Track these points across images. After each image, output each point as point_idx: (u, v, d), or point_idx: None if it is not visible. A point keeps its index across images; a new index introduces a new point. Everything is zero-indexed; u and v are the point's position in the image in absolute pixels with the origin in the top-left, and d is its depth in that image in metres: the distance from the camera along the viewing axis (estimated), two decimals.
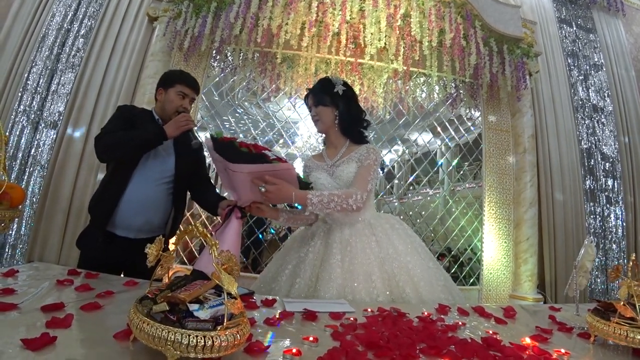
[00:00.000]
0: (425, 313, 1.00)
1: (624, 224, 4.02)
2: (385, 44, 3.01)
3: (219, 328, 0.57)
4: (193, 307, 0.61)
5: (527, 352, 0.72)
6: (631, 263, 0.86)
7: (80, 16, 3.60)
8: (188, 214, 3.48)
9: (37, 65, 3.47)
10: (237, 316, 0.62)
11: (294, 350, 0.66)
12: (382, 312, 0.99)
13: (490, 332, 0.85)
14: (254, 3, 2.95)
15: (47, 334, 0.64)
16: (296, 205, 1.42)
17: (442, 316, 1.01)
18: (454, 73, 3.35)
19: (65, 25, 3.57)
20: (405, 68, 3.28)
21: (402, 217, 4.10)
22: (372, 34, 3.00)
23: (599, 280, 3.75)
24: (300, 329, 0.84)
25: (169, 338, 0.55)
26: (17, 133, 3.34)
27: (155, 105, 1.78)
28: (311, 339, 0.74)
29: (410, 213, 4.81)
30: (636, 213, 4.10)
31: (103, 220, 1.56)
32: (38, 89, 3.43)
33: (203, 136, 4.11)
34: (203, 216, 3.74)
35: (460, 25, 3.01)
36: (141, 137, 1.53)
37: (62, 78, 3.48)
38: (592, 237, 3.82)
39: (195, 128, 1.63)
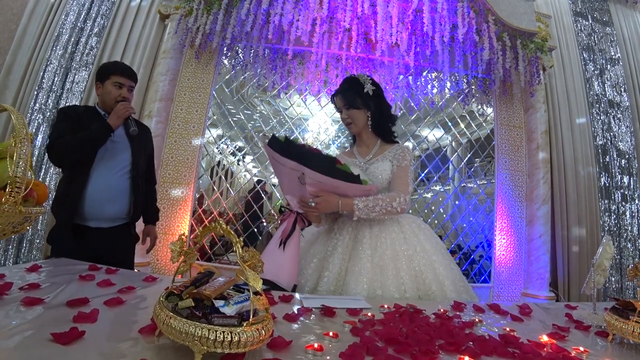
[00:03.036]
0: (441, 310, 1.01)
1: None
2: (397, 40, 3.00)
3: (244, 324, 0.59)
4: (219, 303, 0.63)
5: (545, 350, 0.72)
6: None
7: (94, 15, 3.65)
8: (200, 210, 3.53)
9: (52, 63, 3.54)
10: (262, 312, 0.64)
11: (316, 346, 0.68)
12: (399, 309, 1.01)
13: (507, 329, 0.86)
14: (265, 0, 2.96)
15: (75, 329, 0.65)
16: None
17: (458, 313, 1.02)
18: (466, 68, 3.32)
19: (79, 24, 3.63)
20: (416, 63, 3.27)
21: (412, 213, 4.09)
22: (383, 29, 2.99)
23: (613, 278, 3.70)
24: (320, 324, 0.85)
25: (196, 333, 0.56)
26: (33, 130, 3.41)
27: (97, 100, 1.83)
28: (331, 334, 0.75)
29: (425, 209, 4.80)
30: None
31: (69, 217, 1.63)
32: (53, 87, 3.50)
33: (214, 133, 4.13)
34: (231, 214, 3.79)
35: (473, 20, 2.98)
36: (89, 137, 1.61)
37: (76, 76, 3.54)
38: (604, 233, 3.77)
39: (134, 114, 1.74)
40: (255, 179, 4.58)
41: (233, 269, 3.50)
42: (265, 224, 4.40)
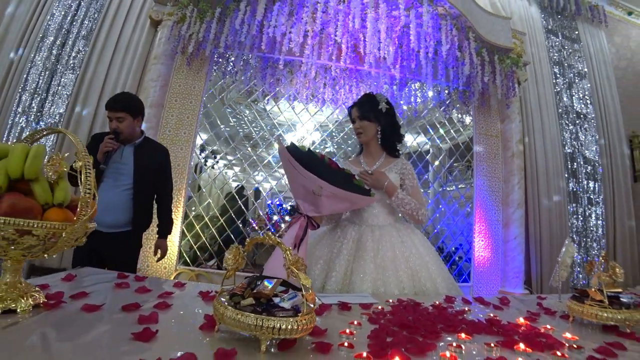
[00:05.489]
0: (437, 302, 1.24)
1: (604, 223, 4.41)
2: (384, 54, 3.24)
3: (299, 315, 0.78)
4: (277, 299, 0.82)
5: (521, 329, 0.96)
6: (601, 259, 1.12)
7: (81, 16, 3.69)
8: (191, 216, 3.63)
9: (36, 65, 3.55)
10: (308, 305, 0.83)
11: (347, 332, 0.88)
12: (402, 302, 1.22)
13: (491, 315, 1.09)
14: (259, 11, 3.12)
15: (148, 328, 0.77)
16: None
17: (450, 305, 1.25)
18: (448, 81, 3.62)
19: (65, 25, 3.66)
20: (402, 75, 3.54)
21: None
22: (371, 43, 3.22)
23: (581, 275, 4.12)
24: (341, 317, 1.05)
25: (264, 325, 0.73)
26: (17, 134, 3.42)
27: None
28: (355, 322, 0.96)
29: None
30: (615, 213, 4.49)
31: None
32: (38, 89, 3.51)
33: (203, 138, 4.21)
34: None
35: (455, 37, 3.27)
36: None
37: (62, 79, 3.57)
38: (574, 235, 4.19)
39: (114, 149, 2.04)
40: (239, 183, 4.72)
41: (221, 274, 3.62)
42: (250, 230, 4.55)
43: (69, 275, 1.29)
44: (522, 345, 0.81)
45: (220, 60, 3.68)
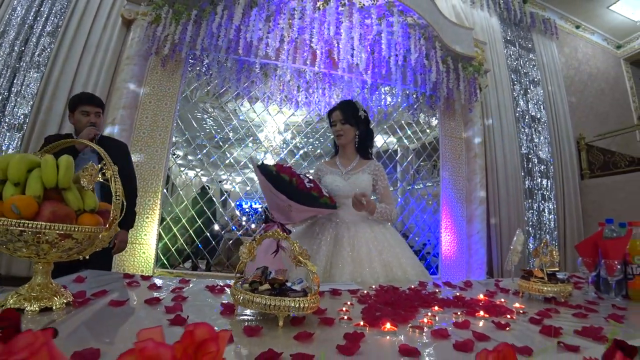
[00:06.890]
0: (412, 286, 1.50)
1: (555, 217, 4.96)
2: (357, 60, 3.50)
3: (308, 295, 0.98)
4: (289, 284, 1.02)
5: (481, 302, 1.23)
6: (542, 244, 1.42)
7: (45, 12, 3.63)
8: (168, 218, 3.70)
9: None
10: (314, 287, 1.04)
11: (344, 309, 1.10)
12: (382, 288, 1.47)
13: (458, 294, 1.36)
14: (236, 16, 3.27)
15: (179, 315, 0.91)
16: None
17: (423, 288, 1.51)
18: (416, 86, 3.95)
19: (28, 21, 3.59)
20: (373, 80, 3.82)
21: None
22: (345, 50, 3.47)
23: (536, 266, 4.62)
24: (335, 300, 1.27)
25: (281, 304, 0.93)
26: None
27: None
28: (349, 303, 1.18)
29: None
30: (565, 208, 5.07)
31: None
32: None
33: (177, 140, 4.24)
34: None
35: (423, 46, 3.59)
36: None
37: (26, 78, 3.51)
38: (529, 228, 4.69)
39: (97, 135, 2.08)
40: (209, 185, 4.81)
41: (201, 274, 3.74)
42: (227, 231, 4.67)
43: (78, 277, 1.40)
44: (481, 312, 1.07)
45: (195, 62, 3.76)
